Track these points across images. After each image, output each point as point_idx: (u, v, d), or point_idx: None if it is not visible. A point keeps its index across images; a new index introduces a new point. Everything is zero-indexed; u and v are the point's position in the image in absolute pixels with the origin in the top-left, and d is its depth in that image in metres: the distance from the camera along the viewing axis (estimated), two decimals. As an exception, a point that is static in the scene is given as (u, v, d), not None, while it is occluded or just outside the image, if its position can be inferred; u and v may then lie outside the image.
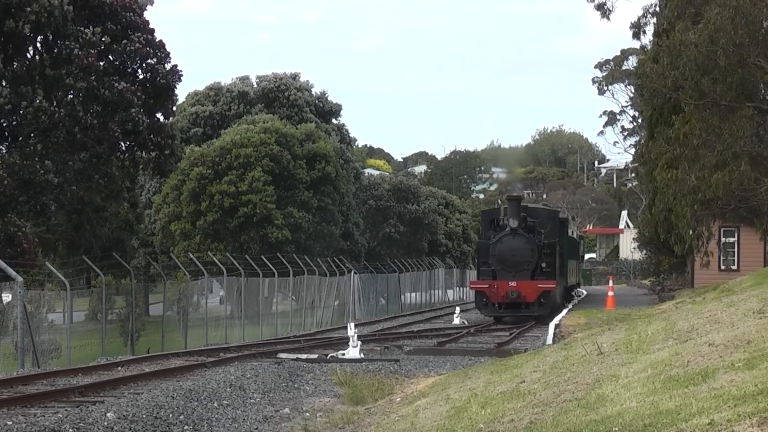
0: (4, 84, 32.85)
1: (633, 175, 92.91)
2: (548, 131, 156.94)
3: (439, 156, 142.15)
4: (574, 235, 54.66)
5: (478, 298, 39.06)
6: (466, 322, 37.72)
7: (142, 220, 52.94)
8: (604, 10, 37.87)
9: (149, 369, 21.43)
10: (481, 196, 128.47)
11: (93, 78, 34.35)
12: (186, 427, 15.27)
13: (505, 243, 37.79)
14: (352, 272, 48.30)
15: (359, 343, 25.16)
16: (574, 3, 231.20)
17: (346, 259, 51.14)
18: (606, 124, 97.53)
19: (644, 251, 65.91)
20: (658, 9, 38.07)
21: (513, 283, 37.18)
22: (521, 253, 37.60)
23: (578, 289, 58.80)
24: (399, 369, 22.41)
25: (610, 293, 45.17)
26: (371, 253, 65.61)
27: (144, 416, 15.28)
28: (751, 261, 41.90)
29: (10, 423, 14.22)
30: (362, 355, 24.62)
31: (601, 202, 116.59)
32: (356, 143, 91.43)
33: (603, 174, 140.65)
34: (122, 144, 36.93)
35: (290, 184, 52.12)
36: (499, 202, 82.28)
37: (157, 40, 37.03)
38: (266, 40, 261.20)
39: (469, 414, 12.63)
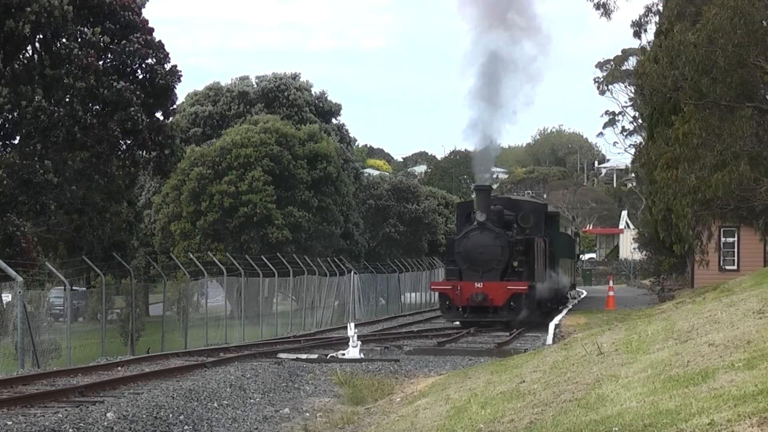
0: (3, 83, 32.82)
1: (633, 175, 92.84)
2: (548, 131, 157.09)
3: (439, 156, 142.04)
4: (569, 232, 52.59)
5: (441, 301, 34.80)
6: (466, 322, 37.54)
7: (142, 219, 52.96)
8: (605, 9, 37.83)
9: (149, 369, 21.43)
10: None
11: (92, 78, 34.33)
12: (186, 427, 15.27)
13: (472, 239, 33.45)
14: (352, 272, 48.26)
15: (359, 343, 25.17)
16: (575, 2, 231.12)
17: (346, 259, 51.13)
18: (606, 125, 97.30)
19: (644, 251, 65.90)
20: (660, 8, 38.05)
21: (479, 285, 32.95)
22: (489, 250, 33.21)
23: (575, 290, 57.55)
24: (399, 369, 22.40)
25: (611, 293, 45.13)
26: (371, 253, 65.61)
27: (144, 416, 15.29)
28: (751, 261, 41.89)
29: (10, 423, 14.23)
30: (362, 355, 24.63)
31: (601, 202, 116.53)
32: (356, 143, 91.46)
33: (603, 174, 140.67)
34: (122, 143, 36.90)
35: (290, 184, 52.14)
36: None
37: (156, 40, 37.00)
38: (267, 40, 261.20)
39: (469, 414, 12.63)
